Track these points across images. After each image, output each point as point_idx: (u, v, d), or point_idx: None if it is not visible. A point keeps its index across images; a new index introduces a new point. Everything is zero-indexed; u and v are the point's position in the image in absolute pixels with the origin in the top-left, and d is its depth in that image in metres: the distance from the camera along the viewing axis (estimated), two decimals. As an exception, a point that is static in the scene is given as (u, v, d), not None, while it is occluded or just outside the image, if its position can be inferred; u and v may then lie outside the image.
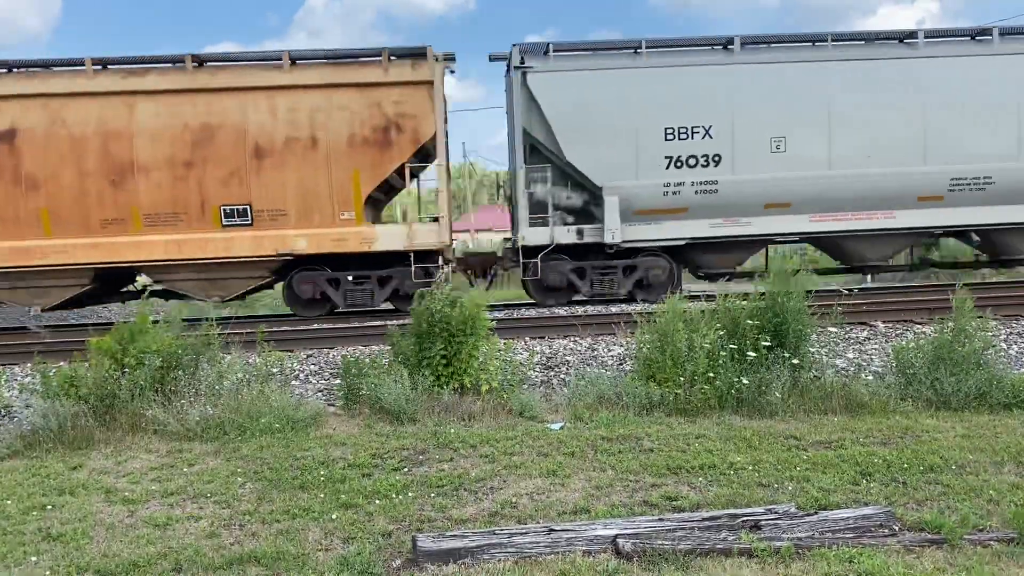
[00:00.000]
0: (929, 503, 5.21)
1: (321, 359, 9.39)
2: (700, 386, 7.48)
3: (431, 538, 4.59)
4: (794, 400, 7.44)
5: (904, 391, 7.70)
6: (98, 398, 7.34)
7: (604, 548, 4.55)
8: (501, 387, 7.87)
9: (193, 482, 5.92)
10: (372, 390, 7.61)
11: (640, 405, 7.43)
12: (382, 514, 5.23)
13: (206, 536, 5.01)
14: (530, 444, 6.55)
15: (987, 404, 7.43)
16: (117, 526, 5.21)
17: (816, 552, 4.45)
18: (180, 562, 4.64)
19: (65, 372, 7.54)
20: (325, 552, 4.73)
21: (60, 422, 7.06)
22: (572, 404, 7.65)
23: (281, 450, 6.52)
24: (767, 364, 7.65)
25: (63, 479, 6.08)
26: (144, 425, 7.13)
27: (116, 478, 6.10)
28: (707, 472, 5.84)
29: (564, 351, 9.41)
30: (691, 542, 4.51)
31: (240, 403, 7.25)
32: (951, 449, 6.21)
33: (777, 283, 8.02)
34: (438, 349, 7.74)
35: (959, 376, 7.53)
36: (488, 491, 5.62)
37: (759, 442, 6.50)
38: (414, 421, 7.23)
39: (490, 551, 4.49)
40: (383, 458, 6.30)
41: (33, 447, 6.85)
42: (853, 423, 7.03)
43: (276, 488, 5.73)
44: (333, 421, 7.48)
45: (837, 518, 4.79)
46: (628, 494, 5.49)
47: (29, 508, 5.51)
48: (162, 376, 7.57)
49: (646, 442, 6.54)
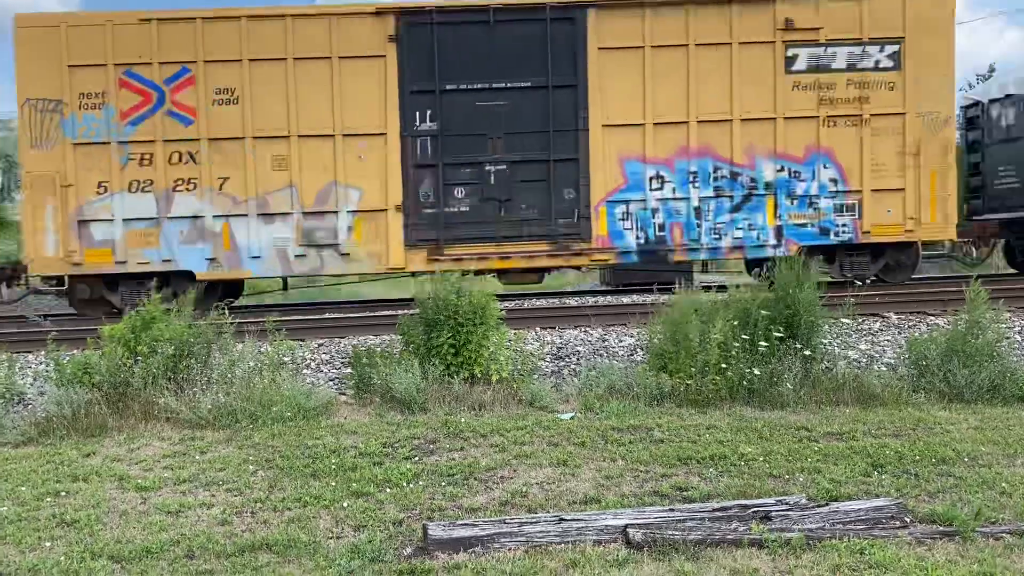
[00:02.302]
0: (941, 495, 5.19)
1: (332, 348, 9.41)
2: (711, 377, 7.46)
3: (442, 527, 4.60)
4: (806, 391, 7.41)
5: (916, 383, 7.66)
6: (111, 385, 7.39)
7: (614, 538, 4.55)
8: (512, 377, 7.88)
9: (205, 469, 5.96)
10: (383, 379, 7.63)
11: (651, 396, 7.42)
12: (393, 502, 5.25)
13: (218, 523, 5.05)
14: (540, 434, 6.55)
15: (1000, 396, 7.38)
16: (130, 512, 5.25)
17: (827, 543, 4.44)
18: (192, 549, 4.67)
19: (78, 360, 7.59)
20: (336, 540, 4.76)
21: (74, 409, 7.10)
22: (583, 394, 7.65)
23: (293, 438, 6.55)
24: (779, 355, 7.62)
25: (77, 466, 6.12)
26: (157, 413, 7.17)
27: (129, 465, 6.15)
28: (718, 463, 5.84)
29: (575, 341, 9.41)
30: (701, 532, 4.51)
31: (252, 391, 7.29)
32: (963, 441, 6.18)
33: (788, 274, 7.98)
34: (446, 338, 7.75)
35: (972, 368, 7.49)
36: (499, 480, 5.63)
37: (770, 433, 6.49)
38: (425, 410, 7.25)
39: (500, 540, 4.51)
40: (394, 447, 6.32)
41: (47, 434, 6.90)
42: (865, 415, 7.00)
43: (288, 476, 5.76)
44: (344, 410, 7.51)
45: (848, 510, 4.78)
46: (638, 484, 5.49)
47: (43, 494, 5.55)
48: (174, 364, 7.60)
49: (657, 432, 6.54)
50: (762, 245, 12.21)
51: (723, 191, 12.18)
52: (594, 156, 12.05)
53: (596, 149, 12.05)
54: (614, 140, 12.08)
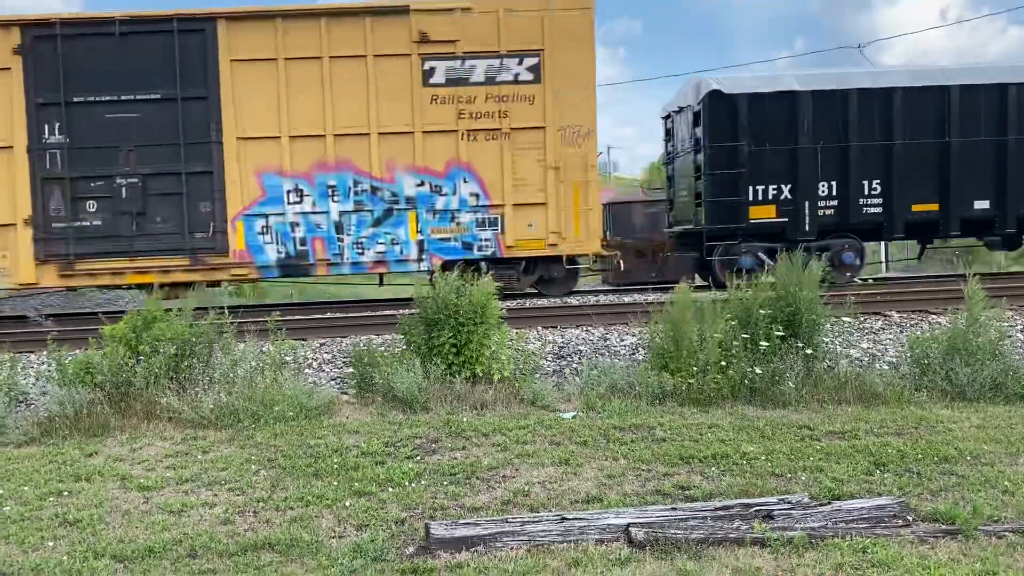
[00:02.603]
0: (943, 494, 5.19)
1: (334, 347, 9.41)
2: (713, 376, 7.46)
3: (444, 526, 4.61)
4: (807, 390, 7.41)
5: (919, 381, 7.66)
6: (113, 385, 7.40)
7: (616, 537, 4.55)
8: (513, 376, 7.88)
9: (207, 469, 5.96)
10: (385, 379, 7.64)
11: (653, 395, 7.42)
12: (395, 502, 5.26)
13: (220, 522, 5.05)
14: (542, 433, 6.55)
15: (1003, 395, 7.38)
16: (132, 512, 5.25)
17: (829, 542, 4.44)
18: (195, 548, 4.67)
19: (80, 359, 7.60)
20: (338, 539, 4.76)
21: (76, 409, 7.11)
22: (584, 393, 7.65)
23: (295, 438, 6.55)
24: (780, 354, 7.62)
25: (79, 465, 6.13)
26: (159, 412, 7.18)
27: (131, 465, 6.15)
28: (720, 462, 5.84)
29: (577, 340, 9.41)
30: (703, 531, 4.51)
31: (254, 391, 7.29)
32: (966, 440, 6.18)
33: (789, 273, 7.98)
34: (447, 338, 7.75)
35: (974, 367, 7.48)
36: (500, 479, 5.64)
37: (772, 432, 6.49)
38: (426, 409, 7.25)
39: (503, 539, 4.51)
40: (396, 446, 6.32)
41: (49, 434, 6.91)
42: (867, 413, 7.00)
43: (290, 475, 5.76)
44: (346, 409, 7.51)
45: (850, 508, 4.78)
46: (640, 483, 5.49)
47: (46, 494, 5.56)
48: (176, 364, 7.61)
49: (659, 431, 6.54)
50: (405, 260, 12.17)
51: (364, 205, 12.13)
52: (229, 169, 11.93)
53: (231, 162, 11.92)
54: (250, 153, 11.97)
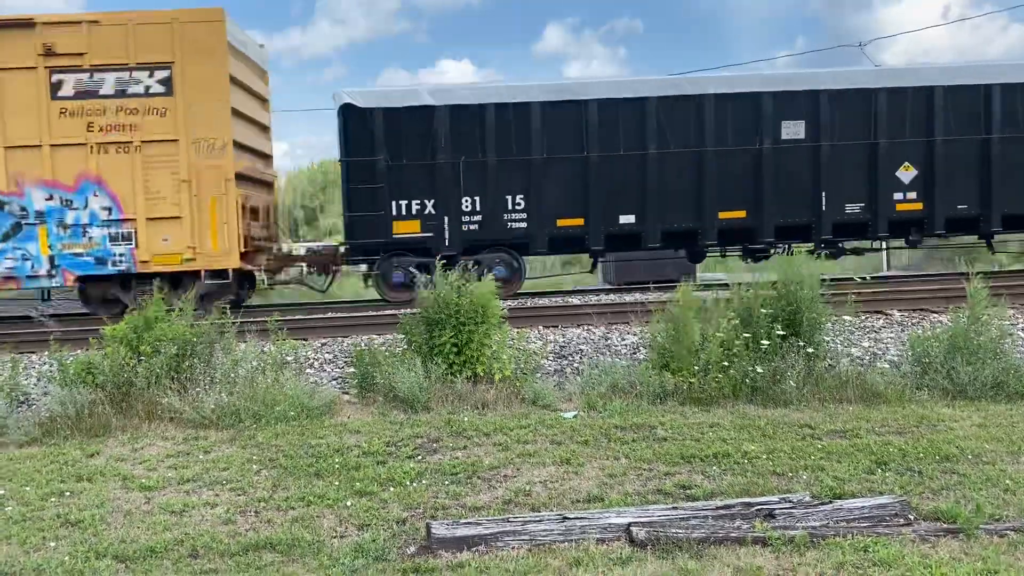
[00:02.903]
0: (945, 493, 5.19)
1: (336, 347, 9.42)
2: (714, 375, 7.46)
3: (445, 525, 4.61)
4: (809, 389, 7.41)
5: (920, 380, 7.65)
6: (115, 385, 7.40)
7: (618, 536, 4.56)
8: (514, 375, 7.88)
9: (209, 469, 5.97)
10: (386, 379, 7.64)
11: (654, 394, 7.42)
12: (396, 501, 5.26)
13: (222, 522, 5.05)
14: (544, 432, 6.55)
15: (1004, 393, 7.37)
16: (134, 512, 5.26)
17: (830, 541, 4.44)
18: (196, 548, 4.68)
19: (82, 360, 7.60)
20: (340, 539, 4.76)
21: (77, 409, 7.12)
22: (585, 393, 7.65)
23: (296, 438, 6.55)
24: (781, 353, 7.61)
25: (81, 466, 6.13)
26: (160, 412, 7.18)
27: (133, 465, 6.16)
28: (721, 461, 5.84)
29: (578, 340, 9.41)
30: (705, 530, 4.51)
31: (255, 391, 7.29)
32: (967, 439, 6.18)
33: (789, 271, 7.97)
34: (448, 337, 7.75)
35: (975, 365, 7.47)
36: (502, 479, 5.64)
37: (773, 431, 6.49)
38: (428, 409, 7.25)
39: (504, 539, 4.51)
40: (397, 446, 6.32)
41: (51, 434, 6.92)
42: (868, 412, 6.99)
43: (291, 475, 5.77)
44: (347, 409, 7.51)
45: (852, 507, 4.78)
46: (642, 483, 5.49)
47: (48, 494, 5.57)
48: (177, 364, 7.61)
49: (660, 431, 6.54)
50: (36, 275, 11.98)
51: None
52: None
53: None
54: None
